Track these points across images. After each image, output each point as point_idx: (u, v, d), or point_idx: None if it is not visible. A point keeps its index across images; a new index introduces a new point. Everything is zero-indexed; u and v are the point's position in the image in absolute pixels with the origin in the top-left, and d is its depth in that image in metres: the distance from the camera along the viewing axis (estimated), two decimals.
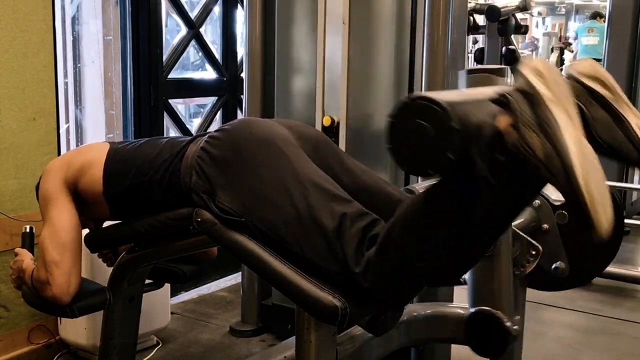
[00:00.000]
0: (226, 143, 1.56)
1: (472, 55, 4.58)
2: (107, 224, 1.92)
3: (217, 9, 3.90)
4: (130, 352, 2.04)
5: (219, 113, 3.95)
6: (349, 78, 2.54)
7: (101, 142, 1.90)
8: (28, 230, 1.96)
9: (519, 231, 1.86)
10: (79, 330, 2.67)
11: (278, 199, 1.48)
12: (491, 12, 3.98)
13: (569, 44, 12.29)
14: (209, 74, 3.98)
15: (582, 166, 1.09)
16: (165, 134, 3.57)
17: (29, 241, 1.94)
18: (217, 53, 3.91)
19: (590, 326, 3.24)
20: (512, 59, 4.12)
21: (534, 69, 1.17)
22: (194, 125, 4.14)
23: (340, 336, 1.73)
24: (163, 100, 3.48)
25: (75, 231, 1.74)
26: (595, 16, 9.87)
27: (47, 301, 1.74)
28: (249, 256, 1.52)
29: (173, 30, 4.31)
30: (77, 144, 3.41)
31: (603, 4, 11.42)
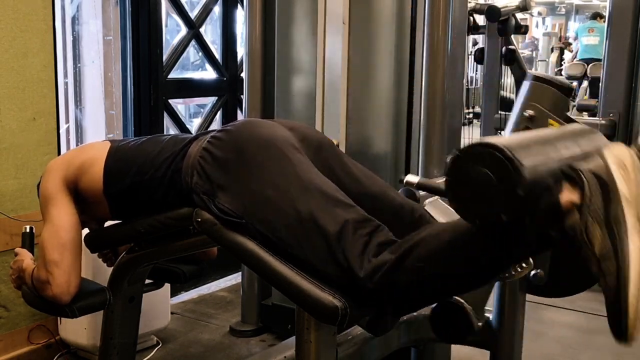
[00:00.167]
0: (229, 144, 1.56)
1: (472, 55, 4.57)
2: (108, 224, 1.92)
3: (217, 9, 3.89)
4: (130, 352, 2.04)
5: (219, 113, 3.94)
6: (349, 78, 2.53)
7: (102, 140, 1.89)
8: (28, 230, 1.96)
9: None
10: (79, 330, 2.67)
11: (279, 201, 1.47)
12: (491, 12, 3.97)
13: (569, 44, 12.30)
14: (209, 74, 3.97)
15: (638, 285, 1.03)
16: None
17: (29, 241, 1.94)
18: (217, 53, 3.91)
19: (590, 326, 3.23)
20: (512, 59, 4.13)
21: (619, 159, 1.11)
22: (194, 125, 4.14)
23: (340, 336, 1.73)
24: (163, 100, 3.47)
25: (75, 231, 1.74)
26: (596, 17, 9.91)
27: (47, 301, 1.74)
28: (249, 256, 1.52)
29: (173, 30, 4.31)
30: (77, 144, 3.40)
31: (603, 4, 11.45)
